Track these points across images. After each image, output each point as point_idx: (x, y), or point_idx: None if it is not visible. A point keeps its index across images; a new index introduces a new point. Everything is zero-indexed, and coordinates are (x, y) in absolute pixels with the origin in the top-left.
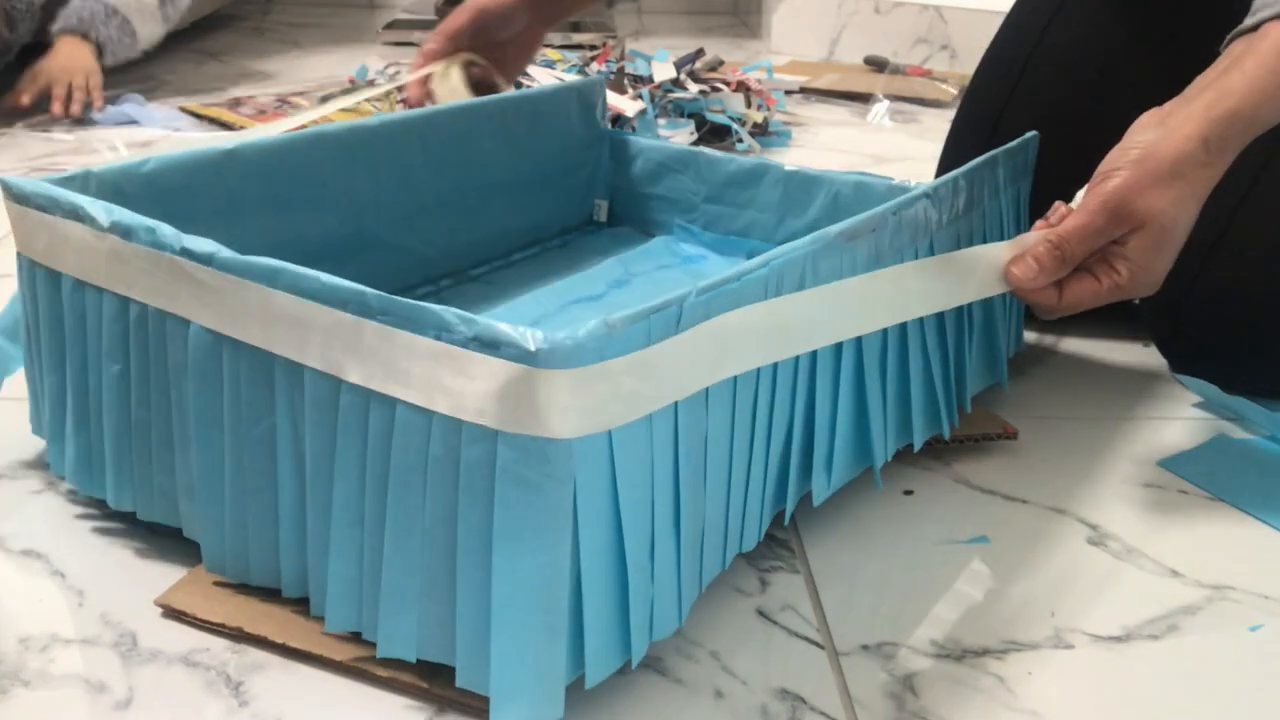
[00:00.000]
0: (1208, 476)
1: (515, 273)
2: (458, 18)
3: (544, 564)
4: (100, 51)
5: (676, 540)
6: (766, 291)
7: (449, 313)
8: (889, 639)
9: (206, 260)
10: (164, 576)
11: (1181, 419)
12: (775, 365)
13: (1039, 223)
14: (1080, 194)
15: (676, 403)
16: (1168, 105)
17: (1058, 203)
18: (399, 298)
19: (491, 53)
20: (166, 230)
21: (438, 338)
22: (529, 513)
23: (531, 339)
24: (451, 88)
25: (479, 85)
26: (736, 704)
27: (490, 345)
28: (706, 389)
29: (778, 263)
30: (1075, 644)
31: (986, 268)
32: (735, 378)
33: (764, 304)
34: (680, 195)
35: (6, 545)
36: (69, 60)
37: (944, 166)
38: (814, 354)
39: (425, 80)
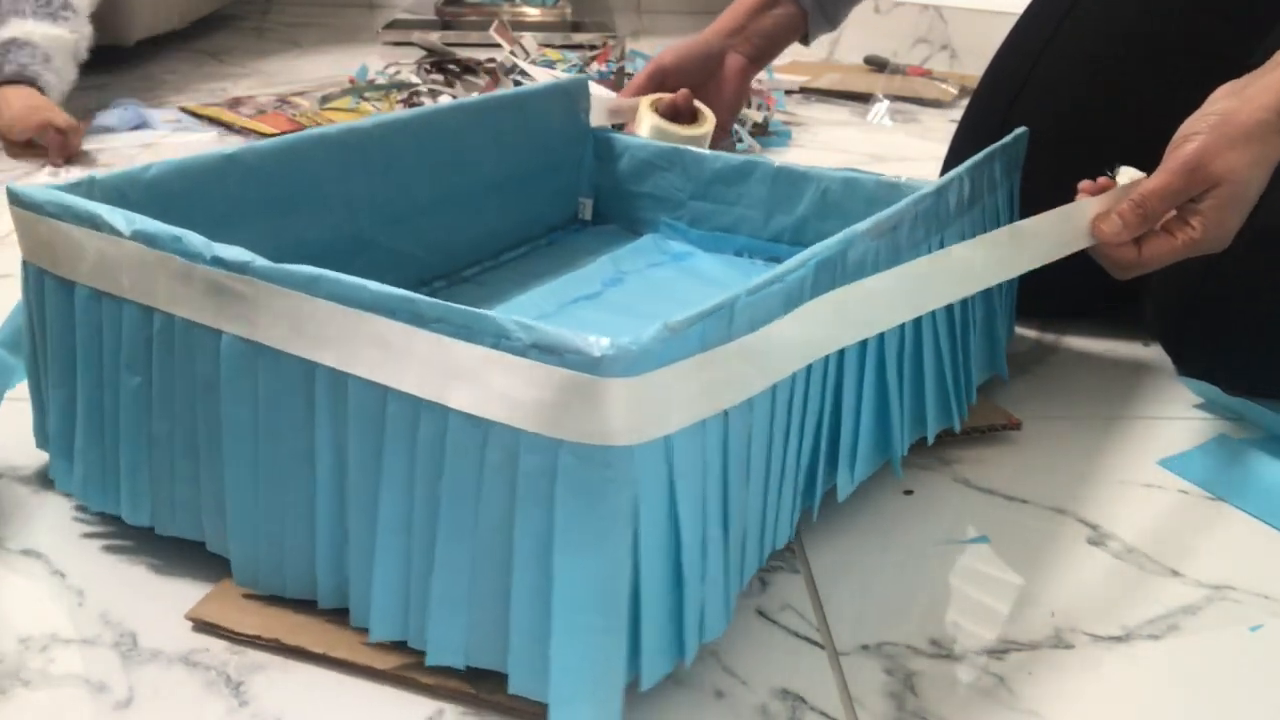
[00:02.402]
0: (1208, 476)
1: (507, 273)
2: (640, 72)
3: (604, 570)
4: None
5: (725, 540)
6: (804, 291)
7: (507, 320)
8: (889, 639)
9: (241, 269)
10: (164, 576)
11: (1181, 419)
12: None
13: (1085, 184)
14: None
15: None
16: (1245, 77)
17: (1103, 179)
18: (453, 305)
19: (698, 95)
20: (195, 239)
21: (495, 345)
22: (590, 520)
23: (597, 346)
24: (650, 126)
25: (678, 111)
26: (736, 704)
27: (552, 352)
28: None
29: (814, 262)
30: (1075, 644)
31: (1072, 225)
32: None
33: (823, 299)
34: (666, 192)
35: (6, 545)
36: (30, 105)
37: (952, 157)
38: (841, 350)
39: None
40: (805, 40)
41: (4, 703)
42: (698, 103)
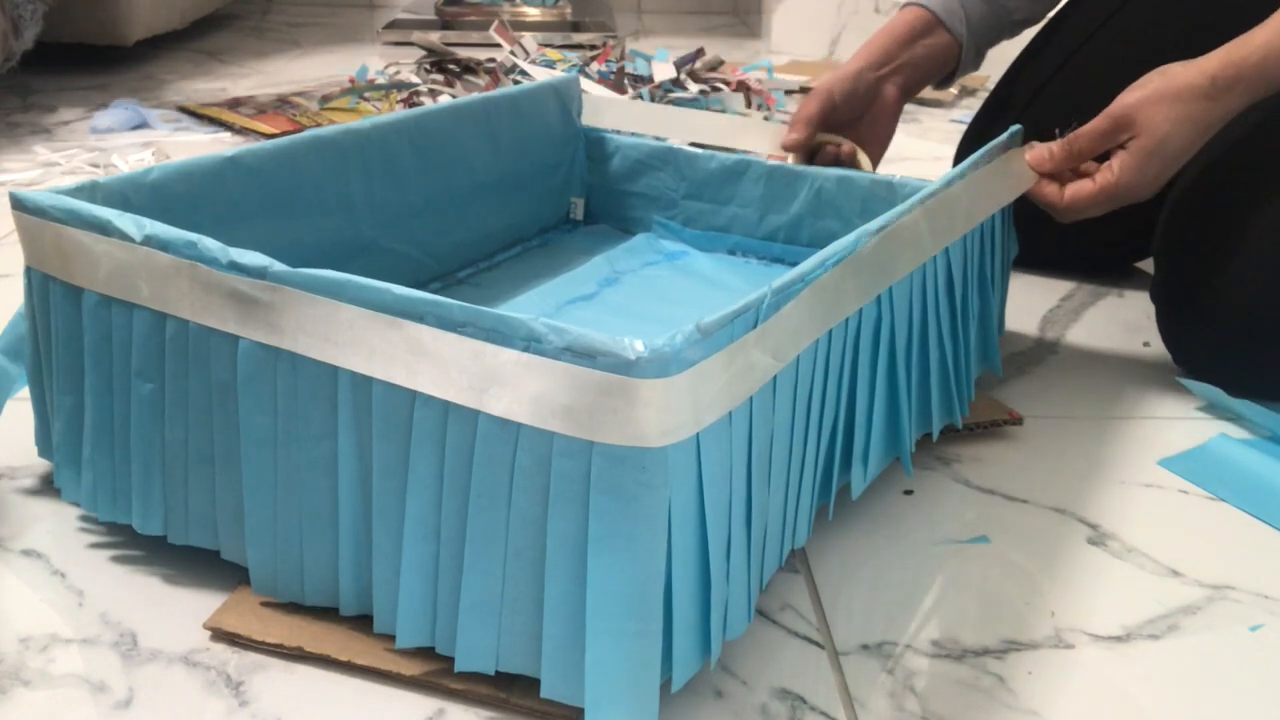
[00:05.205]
0: (1208, 476)
1: (501, 274)
2: (808, 105)
3: (639, 572)
4: (15, 27)
5: (748, 540)
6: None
7: (538, 323)
8: (889, 639)
9: (259, 274)
10: (165, 578)
11: (1181, 419)
12: (827, 359)
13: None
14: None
15: (751, 399)
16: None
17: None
18: (482, 308)
19: (852, 131)
20: (210, 244)
21: (526, 349)
22: (625, 522)
23: (631, 349)
24: None
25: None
26: (736, 704)
27: (585, 356)
28: (774, 384)
29: (832, 261)
30: (1075, 644)
31: (1011, 167)
32: (796, 372)
33: (817, 283)
34: (659, 192)
35: (6, 545)
36: None
37: (960, 157)
38: (856, 345)
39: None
40: (949, 79)
41: (4, 703)
42: (861, 155)
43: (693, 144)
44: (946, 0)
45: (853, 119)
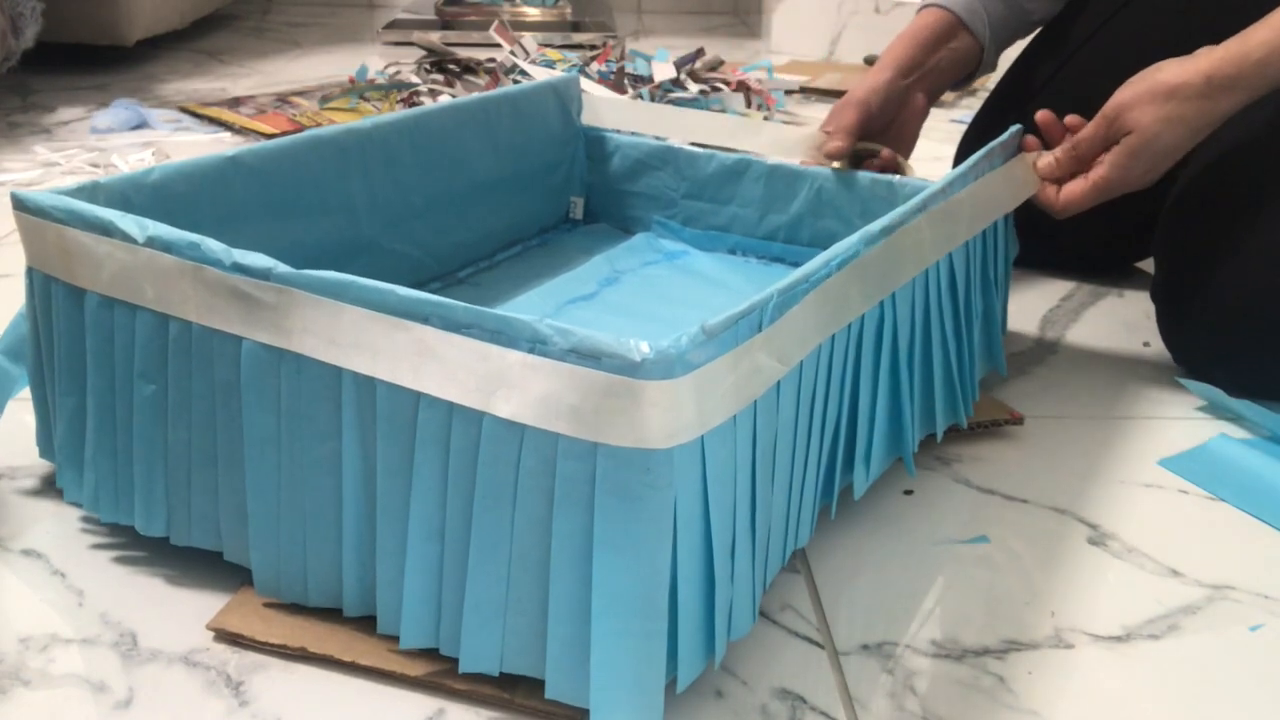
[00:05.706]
0: (1208, 476)
1: (501, 274)
2: (847, 114)
3: (644, 573)
4: (14, 25)
5: (752, 540)
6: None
7: (543, 325)
8: (889, 639)
9: (263, 275)
10: (165, 578)
11: (1181, 419)
12: (830, 359)
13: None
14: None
15: (755, 402)
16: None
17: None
18: (486, 310)
19: (882, 137)
20: (213, 245)
21: (531, 350)
22: (630, 523)
23: (637, 350)
24: None
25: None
26: (736, 704)
27: (590, 357)
28: (778, 385)
29: (836, 262)
30: (1075, 644)
31: (1019, 173)
32: (799, 373)
33: (821, 287)
34: (659, 192)
35: (6, 545)
36: None
37: (961, 156)
38: (859, 346)
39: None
40: (968, 80)
41: (4, 703)
42: (901, 160)
43: (693, 143)
44: (968, 1)
45: (884, 126)
